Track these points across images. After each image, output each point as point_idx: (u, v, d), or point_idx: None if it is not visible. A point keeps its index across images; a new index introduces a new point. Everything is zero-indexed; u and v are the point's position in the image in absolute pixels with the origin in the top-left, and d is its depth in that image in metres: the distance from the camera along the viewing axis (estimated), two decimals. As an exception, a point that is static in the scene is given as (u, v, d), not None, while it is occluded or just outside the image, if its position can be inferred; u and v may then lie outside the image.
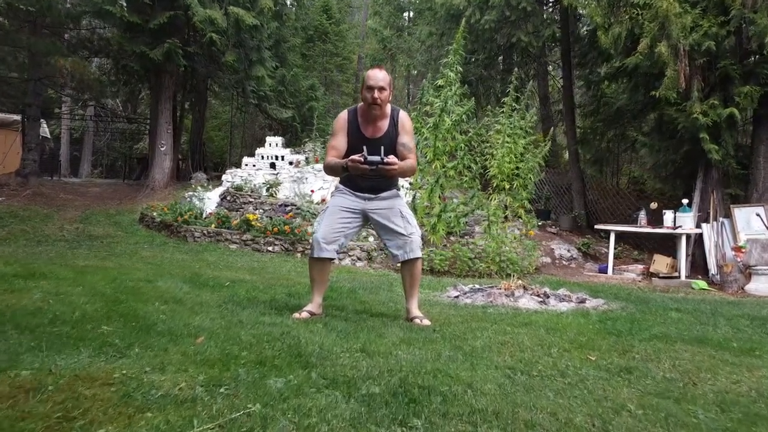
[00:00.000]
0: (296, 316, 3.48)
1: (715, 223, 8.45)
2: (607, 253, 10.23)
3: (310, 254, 3.62)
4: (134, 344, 2.35)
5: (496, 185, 8.28)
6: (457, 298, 5.03)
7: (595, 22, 8.63)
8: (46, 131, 25.11)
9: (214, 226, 8.95)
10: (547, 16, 11.41)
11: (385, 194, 3.59)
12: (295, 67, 21.79)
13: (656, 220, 9.05)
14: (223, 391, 1.81)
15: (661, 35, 7.67)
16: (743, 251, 7.61)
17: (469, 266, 7.83)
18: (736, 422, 1.82)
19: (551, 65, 16.07)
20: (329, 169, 3.48)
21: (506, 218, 8.54)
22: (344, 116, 3.55)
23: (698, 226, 8.55)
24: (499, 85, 14.76)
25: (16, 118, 17.13)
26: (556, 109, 16.92)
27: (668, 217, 8.52)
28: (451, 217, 7.98)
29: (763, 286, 7.22)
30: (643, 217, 8.81)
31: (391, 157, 3.23)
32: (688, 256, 8.24)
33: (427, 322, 3.51)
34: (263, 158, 12.00)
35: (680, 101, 8.01)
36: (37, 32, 12.96)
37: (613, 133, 11.66)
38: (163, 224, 9.82)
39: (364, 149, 3.21)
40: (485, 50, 14.64)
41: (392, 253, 3.63)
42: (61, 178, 20.47)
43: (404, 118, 3.54)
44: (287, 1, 21.26)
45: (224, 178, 11.94)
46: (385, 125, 3.47)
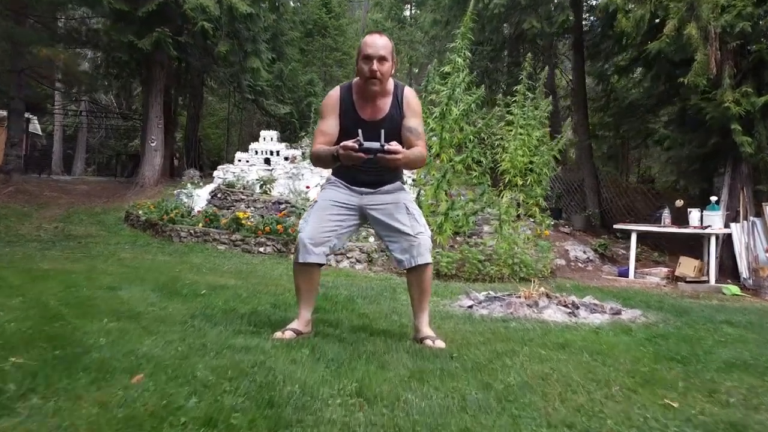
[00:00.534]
0: (277, 335, 2.81)
1: (745, 222, 7.77)
2: (624, 254, 9.56)
3: (294, 258, 2.94)
4: (36, 389, 1.67)
5: (507, 181, 7.61)
6: (471, 308, 4.35)
7: (615, 3, 7.94)
8: (37, 128, 24.45)
9: (201, 225, 8.28)
10: (558, 1, 10.72)
11: (387, 188, 2.92)
12: (293, 61, 21.12)
13: (679, 219, 8.37)
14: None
15: (689, 16, 6.99)
16: (779, 253, 6.93)
17: (478, 269, 7.16)
18: None
19: (559, 58, 15.38)
20: (317, 158, 2.82)
21: (518, 217, 7.86)
22: (335, 94, 2.87)
23: (726, 225, 7.86)
24: (505, 78, 14.10)
25: (3, 113, 16.47)
26: (563, 105, 16.25)
27: (694, 216, 7.84)
28: (459, 215, 7.30)
29: (803, 291, 6.54)
30: (666, 216, 8.13)
31: (393, 143, 2.54)
32: (716, 258, 7.56)
33: (441, 343, 2.83)
34: (257, 153, 11.33)
35: (709, 89, 7.32)
36: (21, 21, 12.31)
37: (624, 128, 10.97)
38: (148, 223, 9.15)
39: (359, 133, 2.55)
40: (491, 42, 13.98)
41: (396, 258, 2.93)
42: (50, 175, 19.81)
43: (410, 96, 2.86)
44: (285, -8, 20.59)
45: (216, 174, 11.28)
46: (386, 105, 2.80)
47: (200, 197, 10.20)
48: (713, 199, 7.75)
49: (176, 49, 12.67)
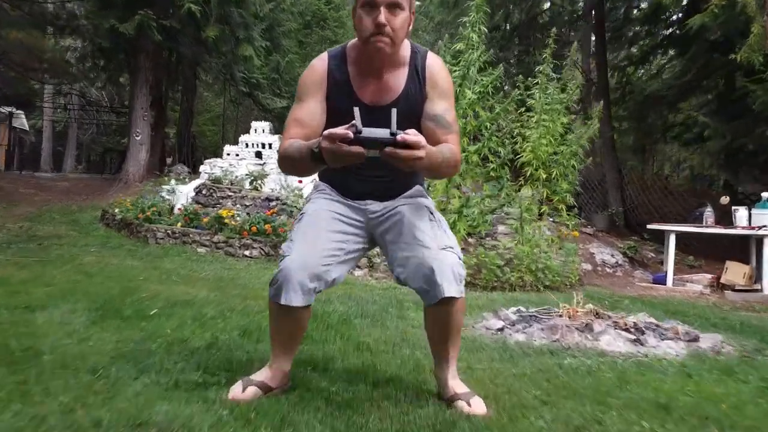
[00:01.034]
0: (234, 395, 1.84)
1: (801, 222, 6.79)
2: (654, 258, 8.59)
3: (271, 294, 1.85)
4: None
5: (529, 174, 6.63)
6: (501, 331, 3.38)
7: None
8: (24, 123, 23.51)
9: (180, 224, 7.31)
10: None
11: (399, 198, 1.94)
12: (290, 53, 20.16)
13: (723, 219, 7.41)
14: None
15: (743, -18, 6.01)
16: None
17: (497, 276, 6.19)
18: None
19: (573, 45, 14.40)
20: (286, 160, 1.75)
21: (540, 216, 6.90)
22: (321, 65, 1.83)
23: (779, 225, 6.88)
24: (514, 69, 13.15)
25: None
26: (577, 96, 15.23)
27: (741, 215, 6.86)
28: (474, 213, 6.34)
29: None
30: (709, 215, 7.16)
31: (411, 132, 1.47)
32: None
33: (480, 406, 1.84)
34: (248, 146, 10.36)
35: (764, 68, 6.35)
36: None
37: (647, 120, 9.99)
38: (123, 223, 8.20)
39: (355, 114, 1.52)
40: (500, 30, 13.08)
41: (417, 287, 1.81)
42: (35, 172, 18.88)
43: (436, 66, 1.84)
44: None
45: (202, 169, 10.31)
46: (399, 80, 1.81)
47: (182, 193, 9.24)
48: (765, 195, 6.77)
49: (162, 34, 11.71)
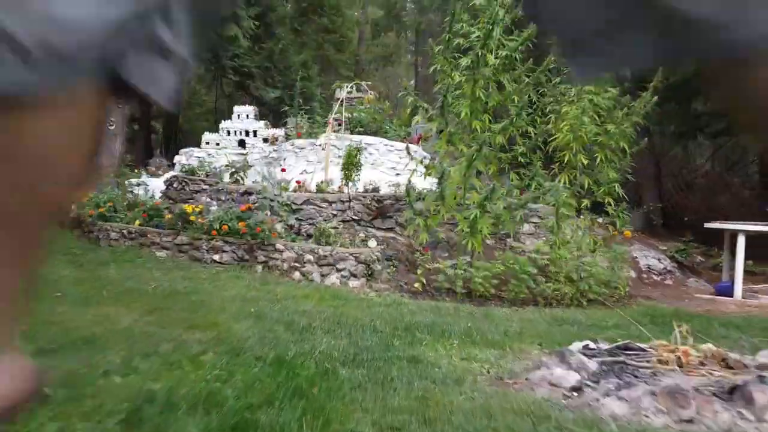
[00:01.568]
0: None
1: None
2: (704, 263, 7.30)
3: None
4: None
5: (566, 160, 5.35)
6: (579, 392, 2.08)
7: None
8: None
9: (138, 223, 6.01)
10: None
11: None
12: (283, 40, 18.85)
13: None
14: None
15: None
16: None
17: (529, 287, 4.90)
18: None
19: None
20: None
21: (580, 211, 5.61)
22: None
23: None
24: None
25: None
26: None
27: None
28: (500, 209, 5.04)
29: None
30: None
31: None
32: None
33: None
34: (230, 134, 9.06)
35: None
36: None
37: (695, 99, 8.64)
38: (76, 221, 6.87)
39: None
40: None
41: None
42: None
43: None
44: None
45: (177, 159, 9.02)
46: None
47: (149, 186, 7.95)
48: None
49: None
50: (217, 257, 5.48)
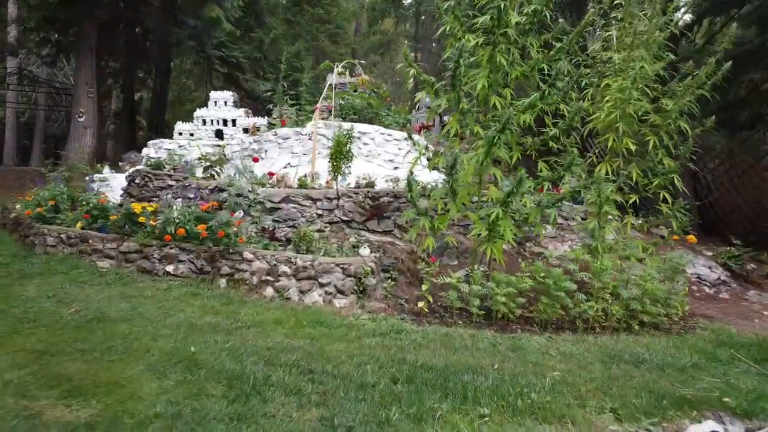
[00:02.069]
0: None
1: None
2: (758, 270, 6.21)
3: None
4: None
5: (609, 146, 4.26)
6: None
7: None
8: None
9: (80, 225, 4.92)
10: None
11: None
12: (274, 30, 17.77)
13: None
14: None
15: None
16: None
17: (564, 307, 3.82)
18: None
19: None
20: None
21: (623, 211, 4.53)
22: None
23: None
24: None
25: None
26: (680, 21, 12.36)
27: None
28: (526, 206, 3.95)
29: None
30: None
31: None
32: None
33: None
34: (205, 123, 7.96)
35: None
36: None
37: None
38: (14, 222, 5.82)
39: None
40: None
41: None
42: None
43: None
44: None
45: (145, 152, 7.94)
46: None
47: (111, 183, 6.87)
48: None
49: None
50: (170, 268, 4.39)
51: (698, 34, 9.89)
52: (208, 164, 6.94)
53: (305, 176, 5.73)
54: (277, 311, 3.77)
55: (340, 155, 5.39)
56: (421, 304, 4.02)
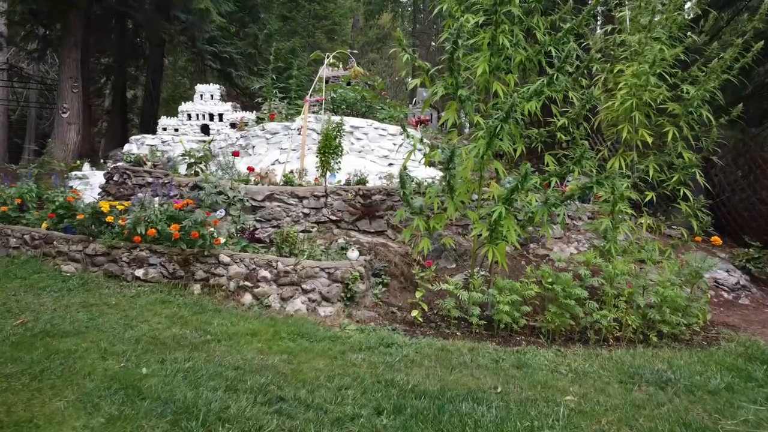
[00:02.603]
0: None
1: None
2: (776, 273, 5.83)
3: None
4: None
5: (623, 138, 3.87)
6: None
7: None
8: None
9: (45, 225, 4.53)
10: None
11: None
12: (269, 24, 17.38)
13: None
14: None
15: None
16: None
17: (574, 317, 3.43)
18: None
19: None
20: None
21: (640, 209, 4.14)
22: None
23: None
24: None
25: None
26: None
27: None
28: (532, 204, 3.57)
29: None
30: None
31: None
32: None
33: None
34: (190, 118, 7.56)
35: None
36: None
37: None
38: (-19, 222, 5.40)
39: None
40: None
41: None
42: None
43: None
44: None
45: (127, 149, 7.55)
46: None
47: (90, 180, 6.48)
48: None
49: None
50: (140, 272, 3.99)
51: (704, 28, 9.50)
52: (192, 161, 6.54)
53: (291, 172, 5.33)
54: (254, 321, 3.38)
55: (328, 150, 5.00)
56: (414, 312, 3.63)
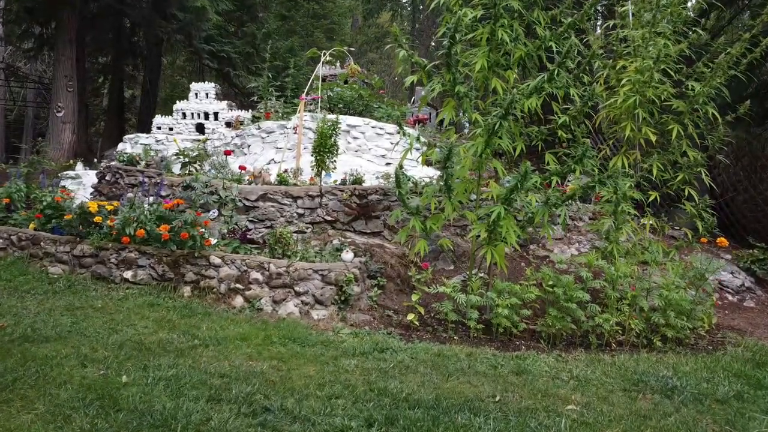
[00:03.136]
0: None
1: None
2: (781, 275, 5.72)
3: None
4: None
5: (626, 137, 3.76)
6: None
7: None
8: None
9: (32, 226, 4.42)
10: None
11: None
12: (267, 24, 17.26)
13: None
14: None
15: None
16: None
17: (575, 321, 3.32)
18: None
19: None
20: None
21: (642, 209, 4.04)
22: None
23: None
24: None
25: None
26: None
27: None
28: (533, 204, 3.46)
29: None
30: None
31: None
32: None
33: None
34: (185, 117, 7.45)
35: None
36: None
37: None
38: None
39: None
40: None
41: None
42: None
43: None
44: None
45: (121, 148, 7.44)
46: None
47: (83, 180, 6.37)
48: None
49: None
50: (129, 274, 3.88)
51: (706, 25, 9.38)
52: (186, 160, 6.43)
53: (286, 172, 5.22)
54: (244, 325, 3.27)
55: (324, 149, 4.89)
56: (411, 316, 3.52)
